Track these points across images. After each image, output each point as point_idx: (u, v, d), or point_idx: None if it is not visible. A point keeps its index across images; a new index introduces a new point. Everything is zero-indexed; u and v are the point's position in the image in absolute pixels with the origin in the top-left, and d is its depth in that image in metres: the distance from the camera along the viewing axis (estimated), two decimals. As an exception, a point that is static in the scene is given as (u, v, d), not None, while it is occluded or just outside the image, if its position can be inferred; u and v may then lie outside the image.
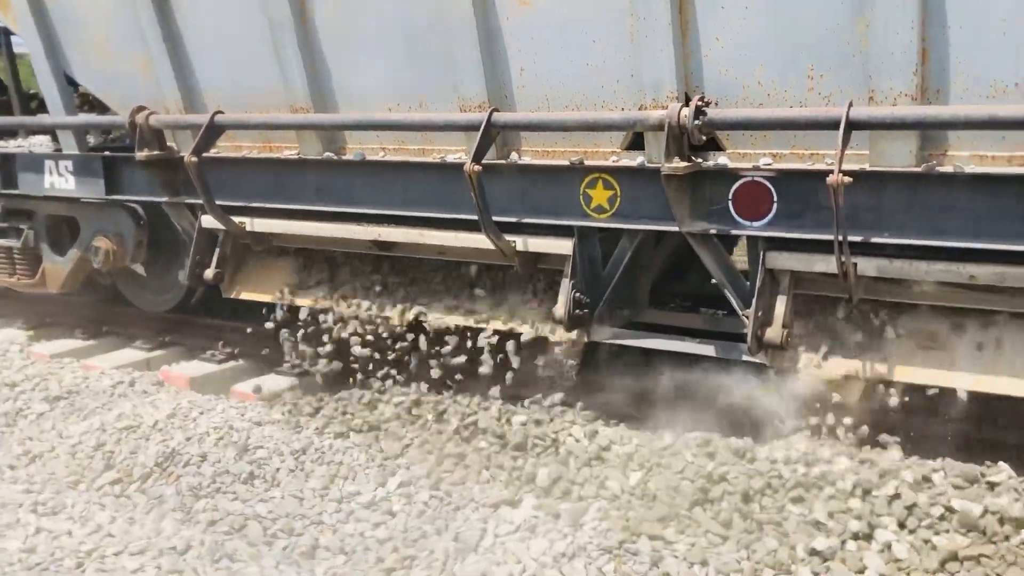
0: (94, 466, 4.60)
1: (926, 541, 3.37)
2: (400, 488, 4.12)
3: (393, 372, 5.15)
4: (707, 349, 4.19)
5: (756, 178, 3.80)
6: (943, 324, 3.80)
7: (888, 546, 3.37)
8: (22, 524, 4.03)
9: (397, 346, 5.12)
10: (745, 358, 4.05)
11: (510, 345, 4.71)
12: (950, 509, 3.46)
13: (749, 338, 3.89)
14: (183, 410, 5.07)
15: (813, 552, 3.38)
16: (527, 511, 3.86)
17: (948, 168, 3.44)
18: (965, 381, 3.67)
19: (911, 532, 3.43)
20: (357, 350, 5.21)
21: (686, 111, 3.66)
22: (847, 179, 3.31)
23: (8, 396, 5.60)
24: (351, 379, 5.32)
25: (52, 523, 4.04)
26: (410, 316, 5.00)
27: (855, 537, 3.43)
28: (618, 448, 4.12)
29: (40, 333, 7.01)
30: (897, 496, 3.54)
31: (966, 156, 3.45)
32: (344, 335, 5.25)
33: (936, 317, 3.82)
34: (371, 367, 5.22)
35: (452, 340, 4.92)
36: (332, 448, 4.52)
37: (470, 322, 4.77)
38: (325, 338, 5.35)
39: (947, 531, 3.40)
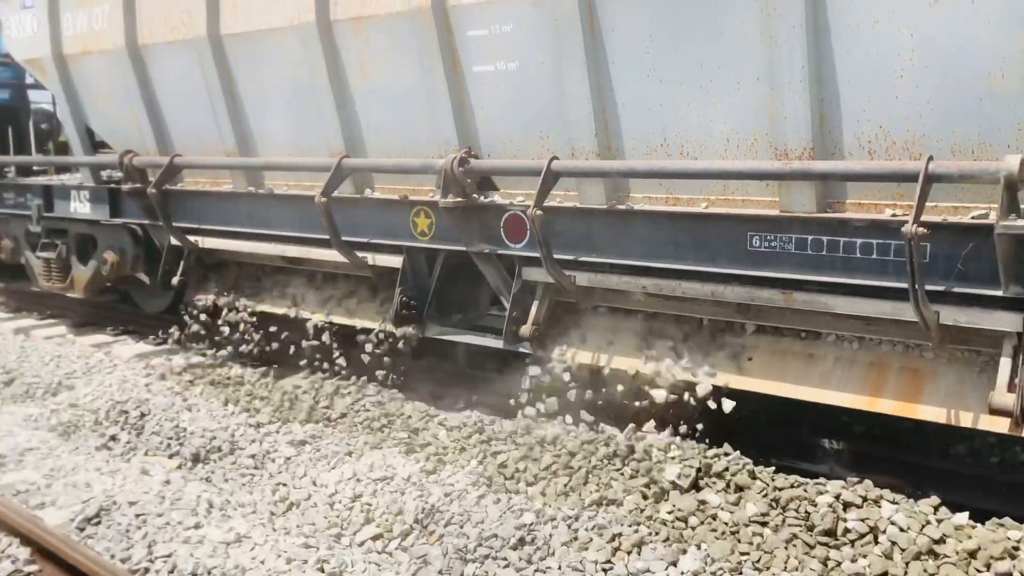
0: (354, 519, 4.43)
1: None
2: (695, 570, 3.70)
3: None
4: (497, 343, 5.41)
5: (516, 211, 5.04)
6: (648, 325, 4.93)
7: None
8: (313, 584, 3.83)
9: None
10: (521, 348, 5.26)
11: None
12: None
13: (504, 332, 5.12)
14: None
15: None
16: None
17: (623, 206, 4.62)
18: (653, 368, 4.78)
19: None
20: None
21: (455, 161, 4.96)
22: (539, 212, 4.53)
23: (254, 437, 5.46)
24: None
25: (341, 584, 3.85)
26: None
27: None
28: (955, 543, 3.62)
29: (279, 371, 6.72)
30: None
31: (640, 198, 4.63)
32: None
33: (648, 320, 4.95)
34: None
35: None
36: (607, 517, 4.08)
37: (341, 320, 6.13)
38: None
39: None
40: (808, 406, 4.40)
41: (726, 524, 3.94)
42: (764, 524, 3.90)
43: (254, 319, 6.77)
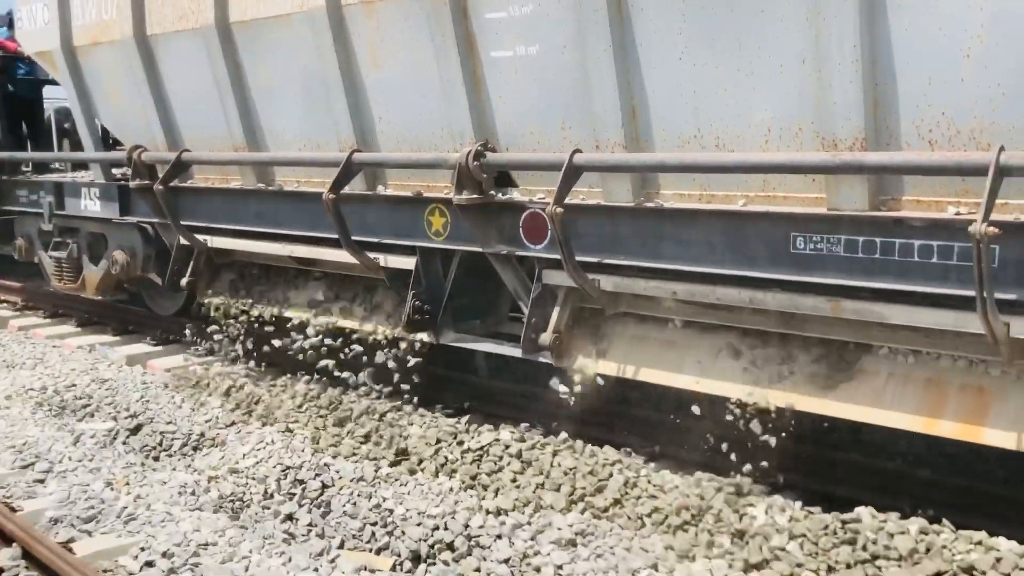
0: None
1: None
2: None
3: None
4: (516, 351, 5.01)
5: (536, 210, 4.64)
6: (680, 335, 4.51)
7: None
8: None
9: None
10: (542, 359, 4.86)
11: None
12: None
13: (523, 340, 4.72)
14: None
15: None
16: None
17: (652, 203, 4.21)
18: (687, 382, 4.36)
19: None
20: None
21: (471, 154, 4.58)
22: (560, 210, 4.13)
23: (499, 530, 4.18)
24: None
25: None
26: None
27: None
28: None
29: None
30: None
31: (671, 195, 4.22)
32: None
33: (677, 329, 4.53)
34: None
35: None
36: None
37: (351, 325, 5.76)
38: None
39: None
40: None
41: None
42: None
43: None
